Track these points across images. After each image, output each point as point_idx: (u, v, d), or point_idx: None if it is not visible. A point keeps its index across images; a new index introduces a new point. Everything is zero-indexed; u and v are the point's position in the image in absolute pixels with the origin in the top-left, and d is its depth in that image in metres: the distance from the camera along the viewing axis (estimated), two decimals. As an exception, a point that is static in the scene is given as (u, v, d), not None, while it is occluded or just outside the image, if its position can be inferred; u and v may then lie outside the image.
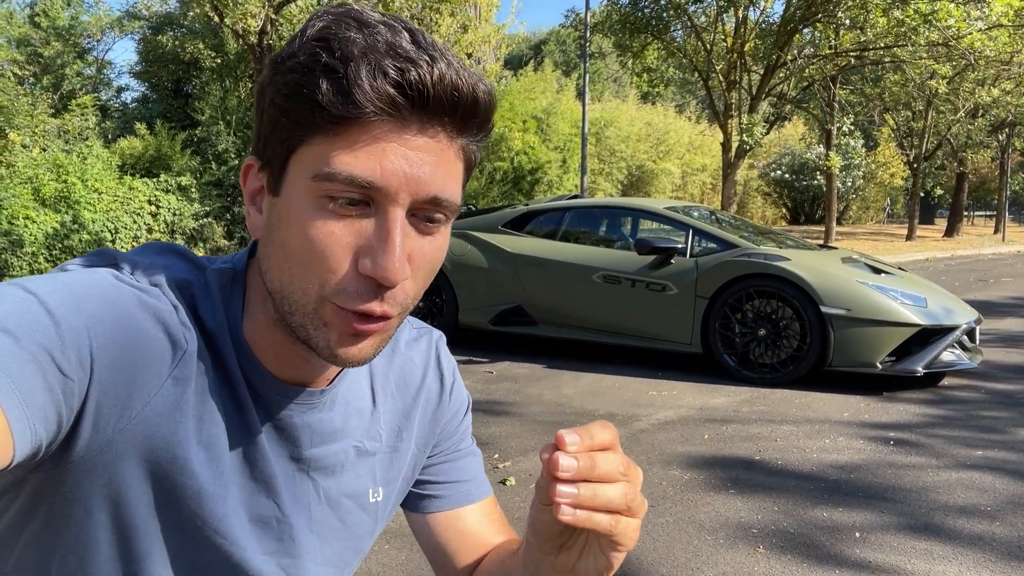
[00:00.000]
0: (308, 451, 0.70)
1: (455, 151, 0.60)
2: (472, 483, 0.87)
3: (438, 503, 0.85)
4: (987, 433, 3.90)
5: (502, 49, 18.40)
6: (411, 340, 0.83)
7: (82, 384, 0.54)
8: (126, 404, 0.58)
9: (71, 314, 0.54)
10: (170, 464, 0.62)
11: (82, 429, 0.56)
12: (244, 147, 14.33)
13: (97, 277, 0.59)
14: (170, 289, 0.63)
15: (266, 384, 0.67)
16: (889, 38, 13.61)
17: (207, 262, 0.69)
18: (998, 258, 17.47)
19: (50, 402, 0.51)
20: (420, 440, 0.82)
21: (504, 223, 6.32)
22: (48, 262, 10.99)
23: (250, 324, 0.66)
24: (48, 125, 13.12)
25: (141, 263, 0.63)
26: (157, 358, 0.59)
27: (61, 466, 0.58)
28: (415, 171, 0.57)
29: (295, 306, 0.60)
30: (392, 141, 0.56)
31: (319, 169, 0.56)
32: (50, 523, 0.62)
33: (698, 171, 26.21)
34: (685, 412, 4.33)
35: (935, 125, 22.45)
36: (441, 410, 0.85)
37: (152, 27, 17.04)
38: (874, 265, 5.47)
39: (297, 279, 0.59)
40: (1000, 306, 8.68)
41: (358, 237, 0.57)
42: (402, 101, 0.55)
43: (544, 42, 42.94)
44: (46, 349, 0.52)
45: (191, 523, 0.64)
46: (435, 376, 0.84)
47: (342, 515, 0.74)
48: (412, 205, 0.58)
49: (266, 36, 9.66)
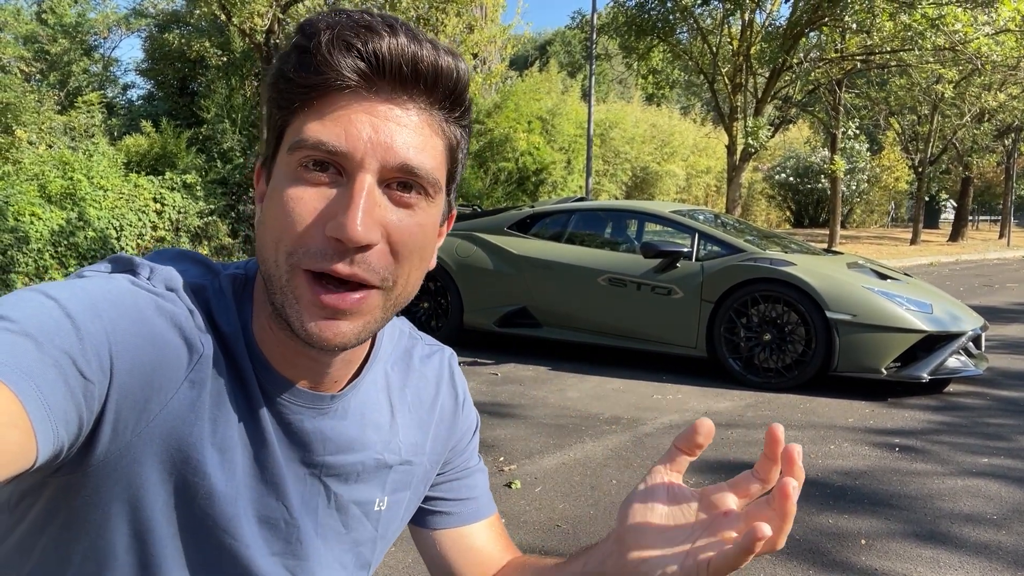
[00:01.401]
0: (322, 457, 0.71)
1: (430, 126, 0.62)
2: (479, 500, 0.89)
3: (447, 520, 0.87)
4: (993, 440, 3.89)
5: (508, 49, 18.39)
6: (424, 357, 0.84)
7: (102, 388, 0.55)
8: (144, 407, 0.59)
9: (91, 319, 0.55)
10: (184, 465, 0.63)
11: (102, 432, 0.57)
12: (249, 145, 14.35)
13: (115, 283, 0.60)
14: (186, 294, 0.64)
15: (277, 387, 0.68)
16: (895, 42, 13.58)
17: (221, 267, 0.70)
18: (1003, 263, 17.43)
19: (71, 405, 0.52)
20: (433, 455, 0.83)
21: (510, 225, 6.32)
22: (53, 259, 11.01)
23: (258, 326, 0.67)
24: (54, 122, 13.14)
25: (157, 269, 0.65)
26: (174, 362, 0.61)
27: (81, 470, 0.58)
28: (381, 137, 0.58)
29: (273, 280, 0.61)
30: (359, 109, 0.58)
31: (292, 140, 0.59)
32: (69, 527, 0.62)
33: (702, 173, 26.17)
34: (690, 416, 4.33)
35: (940, 129, 22.40)
36: (455, 426, 0.86)
37: (158, 25, 17.07)
38: (880, 270, 5.47)
39: (271, 247, 0.60)
40: (1005, 312, 8.67)
41: (327, 203, 0.58)
42: (363, 67, 0.58)
43: (550, 43, 42.92)
44: (67, 353, 0.52)
45: (203, 524, 0.65)
46: (449, 393, 0.85)
47: (346, 520, 0.75)
48: (383, 173, 0.59)
49: (273, 36, 9.67)
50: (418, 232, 0.62)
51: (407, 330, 0.85)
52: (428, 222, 0.63)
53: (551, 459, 3.57)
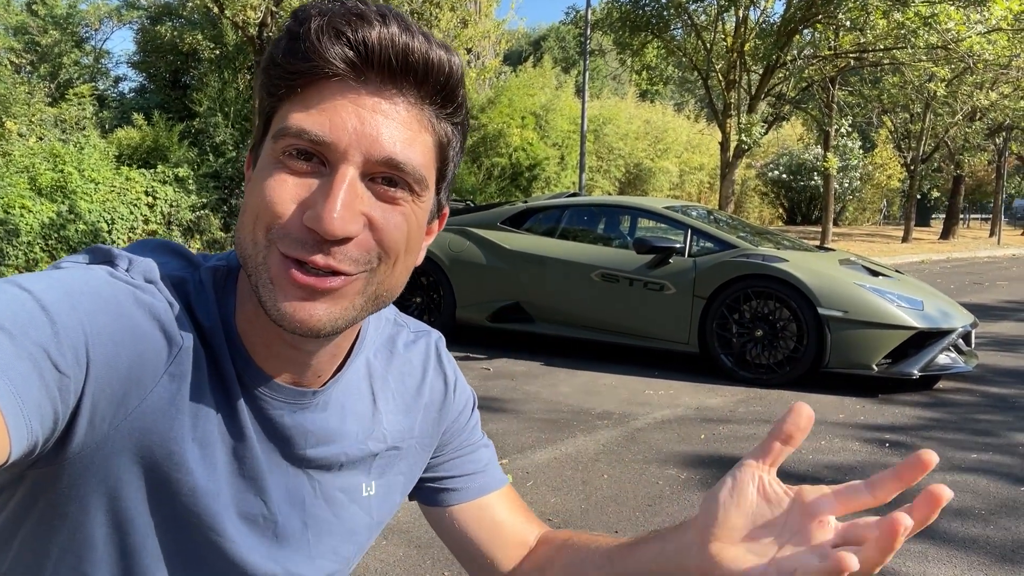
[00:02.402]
0: (303, 451, 0.71)
1: (420, 121, 0.60)
2: (487, 473, 0.88)
3: (457, 496, 0.86)
4: (981, 436, 3.92)
5: (502, 45, 18.37)
6: (409, 343, 0.83)
7: (78, 381, 0.54)
8: (122, 400, 0.58)
9: (67, 311, 0.54)
10: (166, 460, 0.62)
11: (78, 426, 0.56)
12: (242, 139, 14.27)
13: (92, 274, 0.59)
14: (165, 286, 0.63)
15: (257, 381, 0.67)
16: (889, 40, 13.63)
17: (202, 259, 0.69)
18: (993, 261, 17.53)
19: (46, 399, 0.51)
20: (423, 439, 0.83)
21: (503, 220, 6.32)
22: (44, 252, 10.95)
23: (242, 317, 0.66)
24: (45, 114, 13.05)
25: (136, 260, 0.63)
26: (153, 355, 0.60)
27: (57, 463, 0.58)
28: (367, 129, 0.57)
29: (249, 260, 0.60)
30: (346, 99, 0.57)
31: (277, 127, 0.59)
32: (46, 520, 0.62)
33: (696, 170, 26.21)
34: (682, 412, 4.35)
35: (933, 128, 22.48)
36: (446, 408, 0.85)
37: (151, 17, 16.96)
38: (871, 267, 5.49)
39: (248, 226, 0.59)
40: (995, 309, 8.72)
41: (308, 191, 0.58)
42: (352, 56, 0.57)
43: (544, 38, 42.86)
44: (42, 346, 0.51)
45: (185, 519, 0.64)
46: (437, 375, 0.85)
47: (336, 509, 0.75)
48: (367, 166, 0.58)
49: (266, 29, 9.62)
50: (402, 229, 0.61)
51: (392, 317, 0.84)
52: (413, 219, 0.62)
53: (543, 454, 3.58)
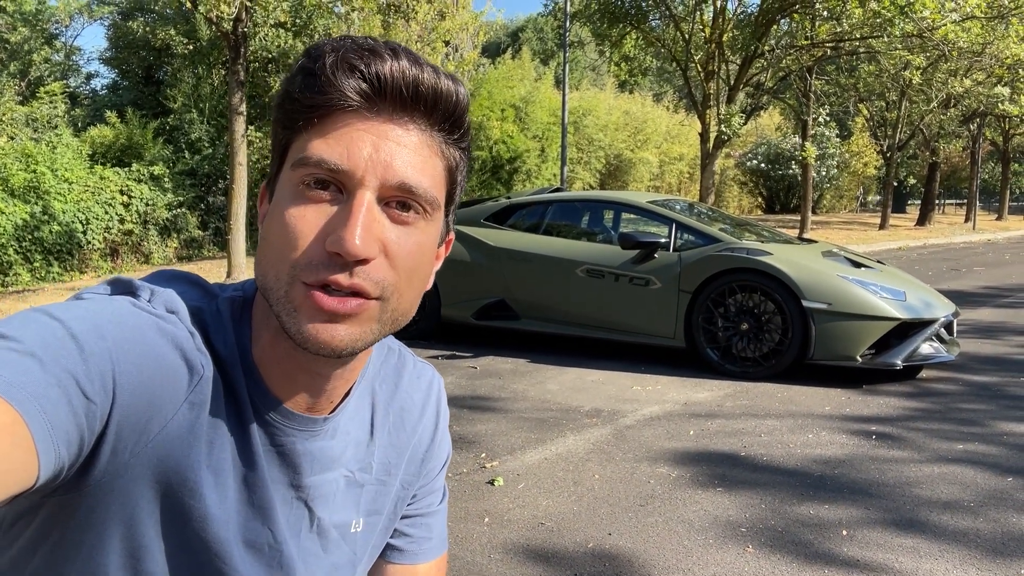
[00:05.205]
0: (307, 479, 0.72)
1: (430, 147, 0.63)
2: (434, 541, 0.92)
3: (400, 556, 0.89)
4: (967, 426, 3.96)
5: (480, 37, 18.26)
6: (413, 378, 0.86)
7: (104, 408, 0.56)
8: (144, 428, 0.60)
9: (95, 340, 0.56)
10: (181, 487, 0.63)
11: (102, 452, 0.58)
12: (218, 135, 14.06)
13: (117, 305, 0.61)
14: (185, 316, 0.65)
15: (272, 410, 0.69)
16: (865, 29, 13.72)
17: (219, 289, 0.72)
18: (969, 246, 17.77)
19: (74, 425, 0.53)
20: (406, 479, 0.85)
21: (486, 216, 6.28)
22: (18, 254, 10.74)
23: (257, 347, 0.68)
24: (16, 113, 12.80)
25: (157, 291, 0.66)
26: (175, 383, 0.61)
27: (77, 489, 0.59)
28: (381, 156, 0.60)
29: (272, 293, 0.62)
30: (361, 129, 0.61)
31: (296, 158, 0.61)
32: (62, 548, 0.63)
33: (676, 160, 26.30)
34: (670, 407, 4.35)
35: (908, 115, 22.71)
36: (430, 453, 0.88)
37: (122, 12, 16.67)
38: (854, 259, 5.52)
39: (272, 263, 0.62)
40: (974, 296, 8.83)
41: (328, 219, 0.60)
42: (366, 88, 0.60)
43: (522, 30, 42.73)
44: (71, 373, 0.53)
45: (194, 546, 0.66)
46: (432, 419, 0.88)
47: (325, 544, 0.76)
48: (382, 191, 0.61)
49: (240, 24, 9.47)
50: (415, 251, 0.63)
51: (396, 348, 0.86)
52: (426, 241, 0.64)
53: (533, 454, 3.56)
